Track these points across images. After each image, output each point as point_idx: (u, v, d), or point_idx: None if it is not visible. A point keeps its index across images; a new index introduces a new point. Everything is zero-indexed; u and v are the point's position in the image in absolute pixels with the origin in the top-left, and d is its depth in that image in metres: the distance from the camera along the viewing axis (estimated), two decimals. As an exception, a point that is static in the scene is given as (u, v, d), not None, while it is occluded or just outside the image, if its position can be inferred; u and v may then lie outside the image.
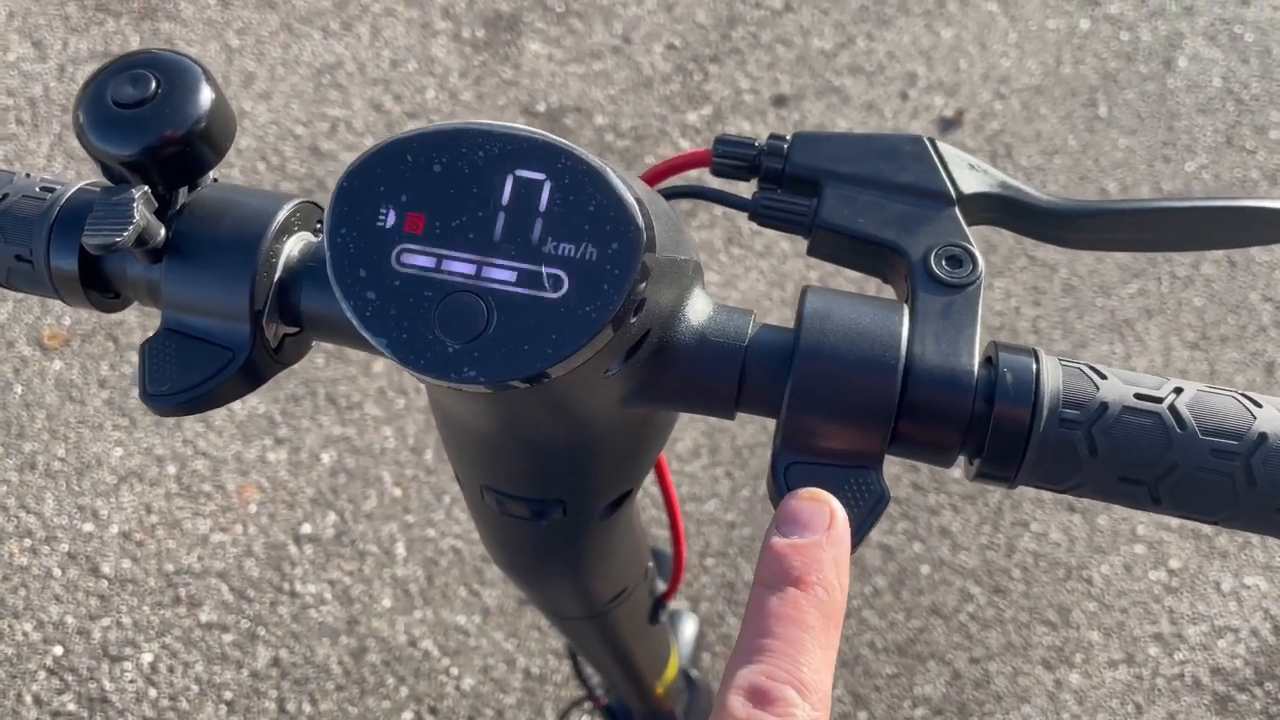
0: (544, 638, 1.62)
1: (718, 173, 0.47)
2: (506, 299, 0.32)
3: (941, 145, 0.44)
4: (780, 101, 2.19)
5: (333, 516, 1.70)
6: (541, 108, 2.17)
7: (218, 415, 1.78)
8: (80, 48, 2.22)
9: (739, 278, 1.94)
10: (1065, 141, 2.15)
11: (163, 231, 0.39)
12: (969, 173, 0.44)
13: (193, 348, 0.39)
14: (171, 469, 1.74)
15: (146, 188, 0.38)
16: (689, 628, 1.24)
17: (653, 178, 0.49)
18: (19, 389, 1.81)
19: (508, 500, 0.45)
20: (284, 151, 2.08)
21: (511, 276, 0.32)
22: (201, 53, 2.22)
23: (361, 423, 1.78)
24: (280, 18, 2.28)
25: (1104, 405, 0.36)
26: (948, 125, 2.17)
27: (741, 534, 1.70)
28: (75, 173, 2.04)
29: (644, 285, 0.32)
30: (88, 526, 1.69)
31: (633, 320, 0.33)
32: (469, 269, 0.32)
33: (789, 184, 0.45)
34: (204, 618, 1.62)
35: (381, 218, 0.33)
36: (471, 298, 0.32)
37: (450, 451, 0.46)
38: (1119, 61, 2.28)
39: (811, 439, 0.36)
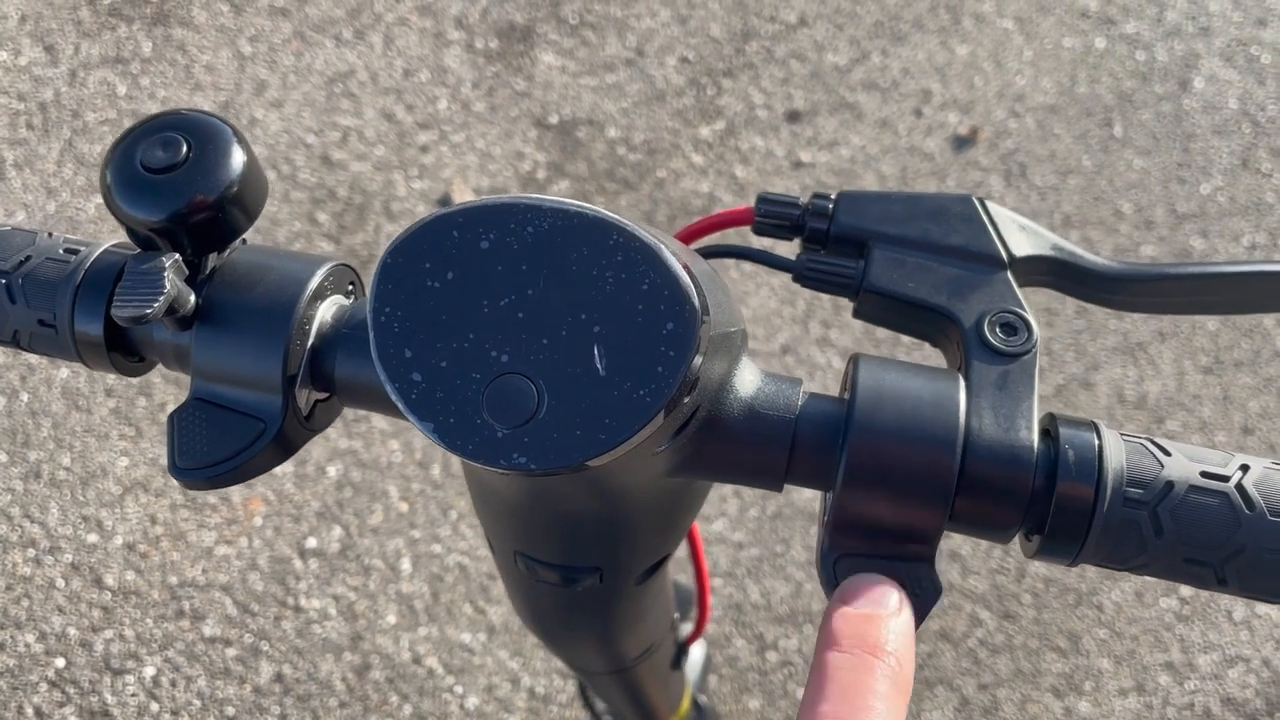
0: (549, 657, 1.60)
1: (759, 232, 0.45)
2: (557, 381, 0.30)
3: (991, 205, 0.43)
4: (794, 117, 2.18)
5: (338, 530, 1.69)
6: (554, 120, 2.16)
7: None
8: (92, 53, 2.21)
9: (750, 294, 1.93)
10: (1080, 161, 2.14)
11: (193, 298, 0.38)
12: (1020, 234, 0.42)
13: (223, 418, 0.38)
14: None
15: (177, 255, 0.37)
16: (696, 652, 1.22)
17: (690, 235, 0.47)
18: (25, 396, 1.80)
19: (542, 567, 0.44)
20: (295, 160, 2.07)
21: (562, 357, 0.31)
22: (214, 60, 2.21)
23: (368, 436, 1.76)
24: (293, 25, 2.27)
25: (1169, 484, 0.34)
26: (962, 143, 2.15)
27: (749, 554, 1.69)
28: (85, 180, 2.03)
29: (700, 365, 0.31)
30: (92, 537, 1.68)
31: (686, 400, 0.31)
32: (517, 349, 0.31)
33: (834, 244, 0.43)
34: (207, 631, 1.61)
35: (426, 295, 0.31)
36: (521, 379, 0.31)
37: (482, 516, 0.45)
38: (1134, 81, 2.26)
39: (865, 519, 0.34)
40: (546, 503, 0.38)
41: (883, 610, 0.32)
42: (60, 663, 1.58)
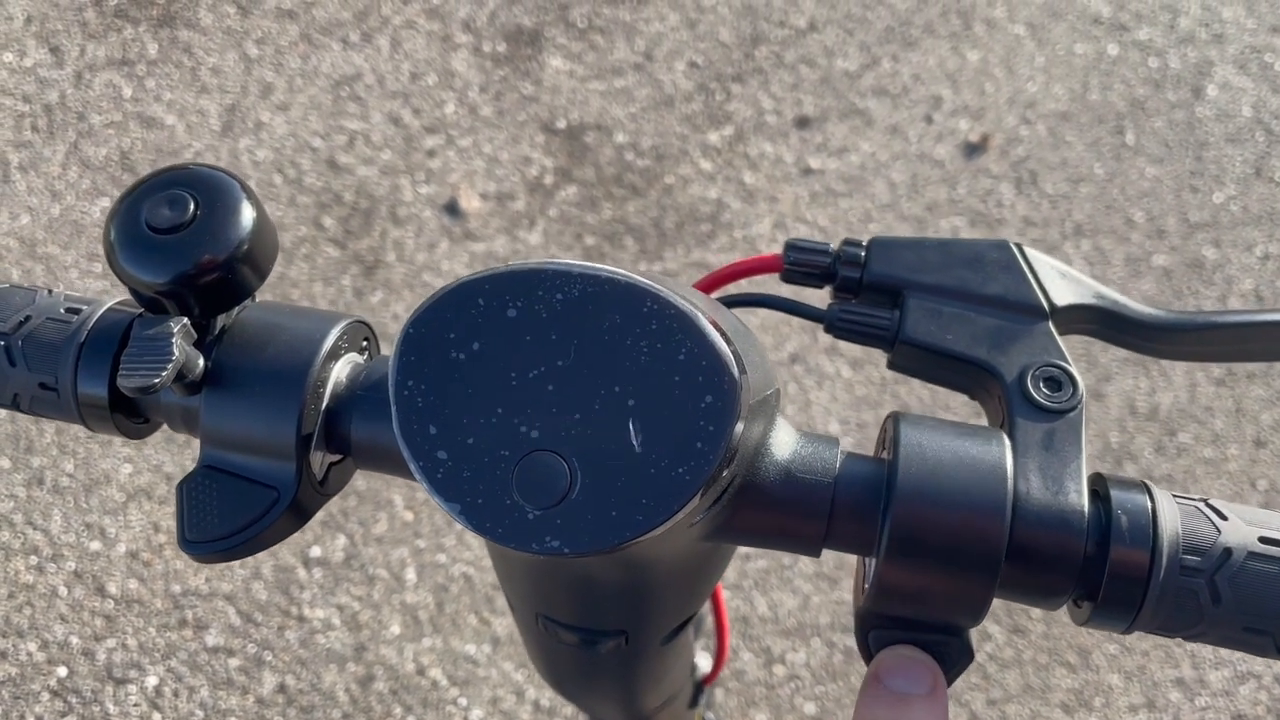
0: (554, 669, 1.59)
1: (788, 280, 0.44)
2: (590, 458, 0.29)
3: (1029, 251, 0.41)
4: (803, 123, 2.16)
5: (342, 540, 1.68)
6: (562, 125, 2.14)
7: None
8: (98, 54, 2.20)
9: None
10: (1091, 169, 2.12)
11: (201, 362, 0.36)
12: (1060, 282, 0.41)
13: (235, 487, 0.36)
14: (180, 487, 1.72)
15: (185, 320, 0.35)
16: (702, 667, 1.21)
17: (714, 283, 0.46)
18: (28, 402, 1.78)
19: (566, 630, 0.42)
20: (301, 164, 2.06)
21: (595, 433, 0.29)
22: (220, 62, 2.20)
23: (373, 444, 1.75)
24: (300, 28, 2.26)
25: (1227, 551, 0.33)
26: (973, 150, 2.14)
27: (756, 566, 1.68)
28: (90, 183, 2.02)
29: (740, 436, 0.29)
30: (95, 545, 1.67)
31: (725, 473, 0.30)
32: (548, 424, 0.29)
33: (866, 293, 0.42)
34: (210, 641, 1.60)
35: (451, 368, 0.30)
36: (552, 457, 0.29)
37: (503, 577, 0.43)
38: (1147, 89, 2.25)
39: (909, 588, 0.33)
40: (571, 569, 0.37)
41: (919, 690, 0.31)
42: (62, 671, 1.57)
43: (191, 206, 0.36)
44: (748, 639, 1.63)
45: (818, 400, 1.81)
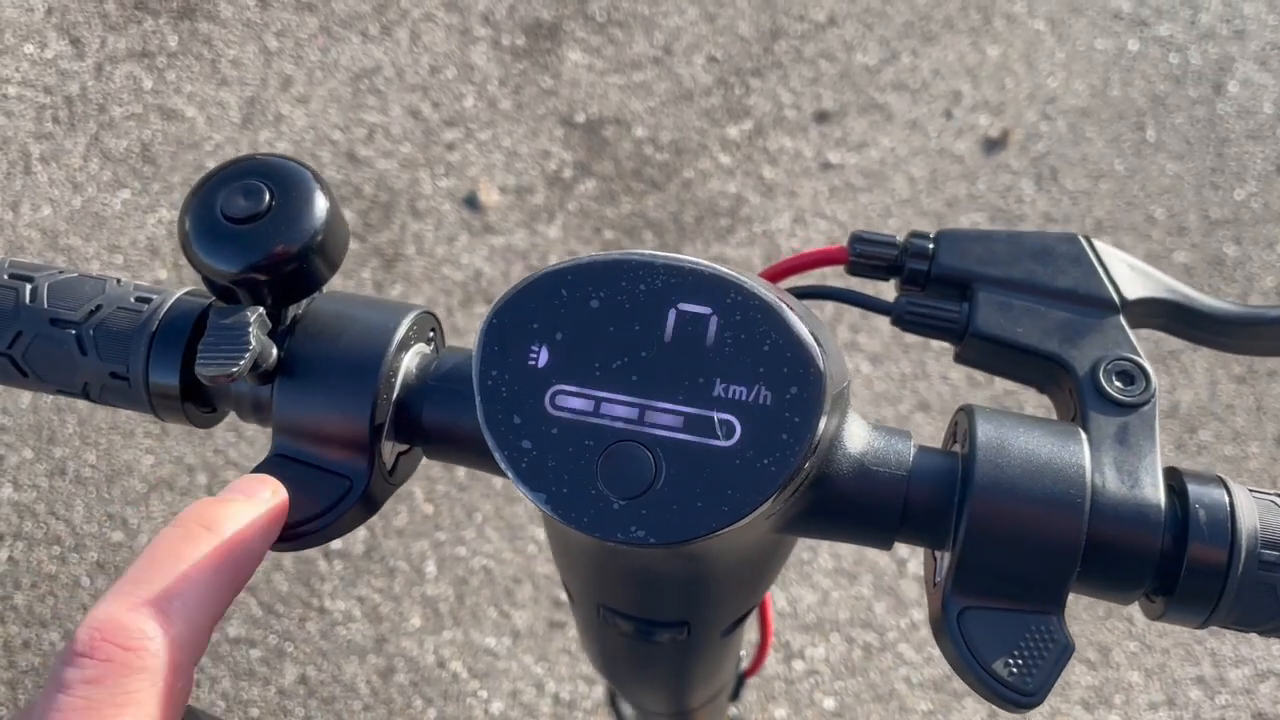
0: (574, 662, 1.59)
1: (854, 272, 0.44)
2: (675, 449, 0.29)
3: (1098, 244, 0.41)
4: (823, 117, 2.16)
5: (363, 532, 1.68)
6: (581, 118, 2.14)
7: (247, 427, 1.77)
8: (119, 46, 2.20)
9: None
10: (1112, 165, 2.12)
11: (275, 352, 0.36)
12: (1130, 275, 0.41)
13: (307, 476, 0.36)
14: (202, 478, 1.72)
15: (260, 309, 0.35)
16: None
17: (778, 274, 0.46)
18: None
19: (626, 620, 0.42)
20: (321, 157, 2.06)
21: (679, 423, 0.29)
22: (240, 54, 2.20)
23: (394, 437, 1.75)
24: (319, 20, 2.26)
25: None
26: (992, 146, 2.13)
27: (776, 561, 1.68)
28: (111, 174, 2.03)
29: (825, 430, 0.29)
30: (117, 535, 1.68)
31: (807, 466, 0.30)
32: (632, 414, 0.29)
33: (934, 286, 0.42)
34: (231, 632, 1.61)
35: (534, 357, 0.30)
36: (636, 447, 0.29)
37: (564, 567, 0.43)
38: (1168, 84, 2.24)
39: (987, 580, 0.33)
40: (639, 559, 0.37)
41: None
42: (85, 661, 1.58)
43: (267, 196, 0.36)
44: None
45: (837, 395, 1.81)
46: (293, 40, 2.23)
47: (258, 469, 0.37)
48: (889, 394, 1.82)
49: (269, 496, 0.35)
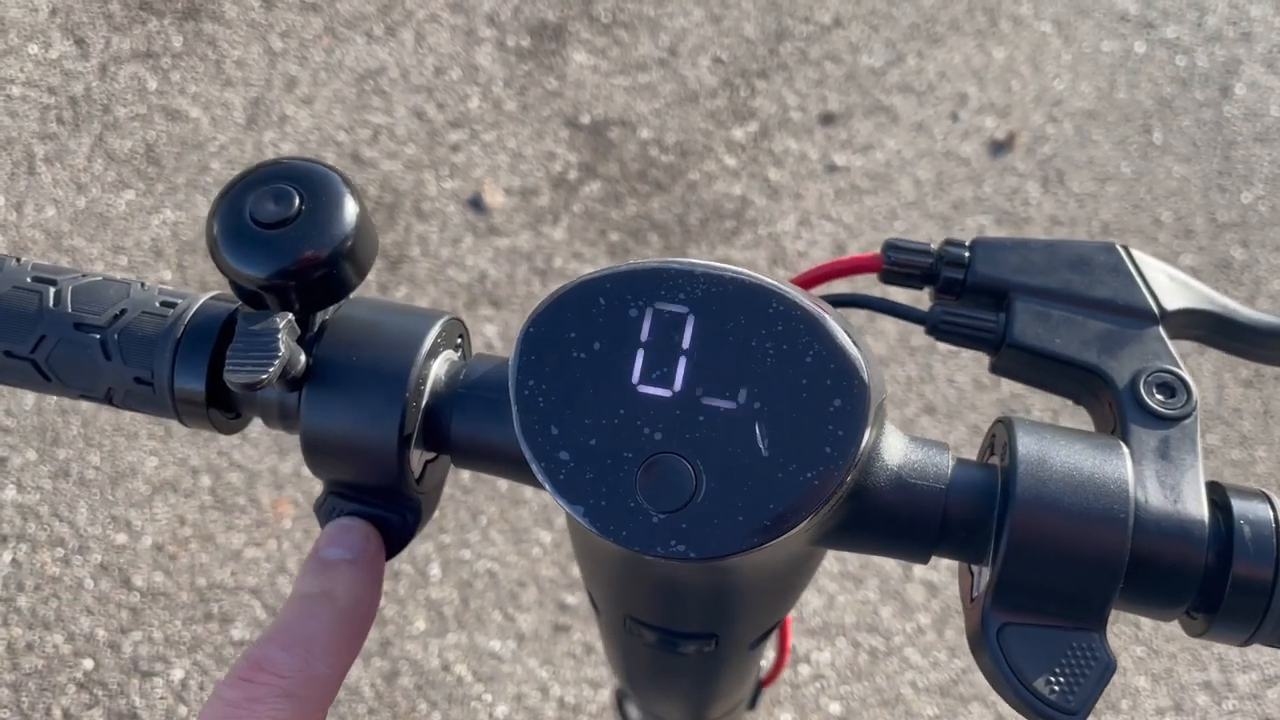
0: (579, 666, 1.59)
1: (887, 280, 0.43)
2: (716, 461, 0.28)
3: (1137, 254, 0.40)
4: (828, 119, 2.16)
5: (367, 534, 1.68)
6: (586, 120, 2.14)
7: (252, 428, 1.76)
8: (123, 47, 2.20)
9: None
10: (1119, 168, 2.11)
11: (303, 358, 0.35)
12: (1170, 285, 0.40)
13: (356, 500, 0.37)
14: (206, 481, 1.72)
15: (290, 315, 0.35)
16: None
17: (808, 282, 0.45)
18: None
19: (654, 632, 0.42)
20: (325, 158, 2.06)
21: (720, 435, 0.28)
22: (244, 55, 2.19)
23: (398, 439, 1.75)
24: (324, 21, 2.26)
25: None
26: (999, 148, 2.12)
27: (782, 565, 1.67)
28: (116, 175, 2.02)
29: (869, 442, 0.28)
30: (121, 537, 1.67)
31: (850, 479, 0.29)
32: (672, 426, 0.29)
33: (969, 295, 0.41)
34: (236, 634, 1.60)
35: (573, 368, 0.29)
36: (677, 460, 0.28)
37: (589, 577, 0.43)
38: (1175, 87, 2.23)
39: (1028, 596, 0.32)
40: (670, 571, 0.37)
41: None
42: (88, 664, 1.57)
43: (296, 201, 0.35)
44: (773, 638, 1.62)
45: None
46: (297, 41, 2.23)
47: (340, 517, 0.38)
48: (895, 397, 1.81)
49: (374, 551, 0.38)
